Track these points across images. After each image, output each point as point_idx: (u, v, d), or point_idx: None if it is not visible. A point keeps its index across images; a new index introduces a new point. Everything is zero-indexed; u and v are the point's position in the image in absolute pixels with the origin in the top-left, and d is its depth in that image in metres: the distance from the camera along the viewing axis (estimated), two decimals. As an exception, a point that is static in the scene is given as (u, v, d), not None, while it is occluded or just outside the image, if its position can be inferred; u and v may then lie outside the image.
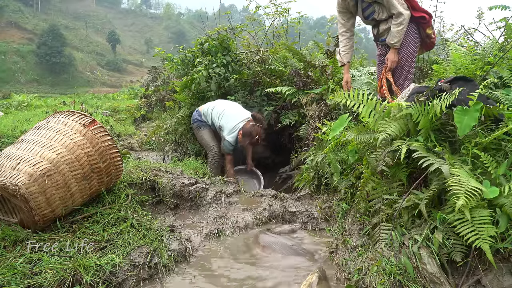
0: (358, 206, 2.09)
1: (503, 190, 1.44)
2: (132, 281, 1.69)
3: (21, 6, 61.64)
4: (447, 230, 1.52)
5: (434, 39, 2.81)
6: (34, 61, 48.50)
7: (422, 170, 1.62)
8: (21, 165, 1.77)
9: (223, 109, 3.56)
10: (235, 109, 3.61)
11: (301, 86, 3.79)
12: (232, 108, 3.61)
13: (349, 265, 1.76)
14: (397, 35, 2.62)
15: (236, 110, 3.59)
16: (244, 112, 3.61)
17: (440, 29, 4.89)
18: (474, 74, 2.43)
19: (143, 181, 2.50)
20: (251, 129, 3.37)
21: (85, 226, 1.95)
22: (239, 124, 3.44)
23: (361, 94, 1.98)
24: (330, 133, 2.24)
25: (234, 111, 3.57)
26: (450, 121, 1.80)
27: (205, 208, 2.60)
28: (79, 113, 2.13)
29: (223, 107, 3.59)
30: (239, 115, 3.52)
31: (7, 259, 1.61)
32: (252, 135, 3.37)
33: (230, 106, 3.63)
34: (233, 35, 4.78)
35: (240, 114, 3.54)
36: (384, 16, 2.69)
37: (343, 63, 3.06)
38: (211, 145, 3.62)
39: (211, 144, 3.63)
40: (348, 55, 3.01)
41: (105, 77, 51.74)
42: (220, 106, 3.62)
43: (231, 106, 3.64)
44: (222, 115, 3.52)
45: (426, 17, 2.65)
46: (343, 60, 3.03)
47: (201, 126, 3.69)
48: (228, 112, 3.53)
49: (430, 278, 1.47)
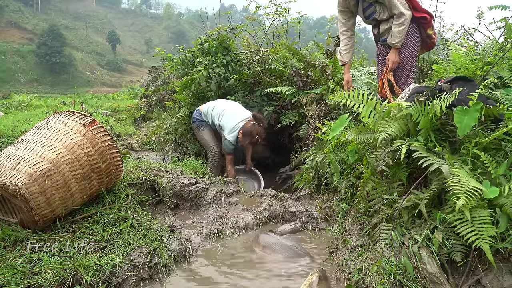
0: (358, 206, 2.09)
1: (503, 190, 1.44)
2: (132, 281, 1.69)
3: (21, 6, 61.64)
4: (447, 230, 1.52)
5: (435, 39, 2.81)
6: (34, 61, 48.49)
7: (422, 170, 1.62)
8: (21, 165, 1.77)
9: (223, 109, 3.56)
10: (235, 108, 3.61)
11: (301, 86, 3.80)
12: (233, 107, 3.62)
13: (349, 265, 1.76)
14: (398, 35, 2.62)
15: (237, 110, 3.59)
16: (244, 111, 3.62)
17: (440, 29, 4.89)
18: (474, 74, 2.43)
19: (143, 181, 2.50)
20: (252, 129, 3.37)
21: (85, 226, 1.95)
22: (240, 124, 3.44)
23: (361, 94, 1.98)
24: (330, 133, 2.24)
25: (234, 110, 3.57)
26: (450, 121, 1.80)
27: (205, 208, 2.60)
28: (79, 113, 2.13)
29: (223, 107, 3.59)
30: (239, 114, 3.52)
31: (7, 259, 1.61)
32: (252, 135, 3.37)
33: (230, 106, 3.63)
34: (233, 35, 4.78)
35: (241, 113, 3.55)
36: (385, 16, 2.69)
37: (343, 63, 3.06)
38: (211, 145, 3.62)
39: (211, 144, 3.63)
40: (349, 54, 3.01)
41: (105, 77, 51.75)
42: (220, 105, 3.62)
43: (231, 106, 3.64)
44: (223, 114, 3.53)
45: (427, 18, 2.64)
46: (343, 59, 3.03)
47: (201, 125, 3.69)
48: (229, 112, 3.53)
49: (430, 278, 1.47)
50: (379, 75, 2.90)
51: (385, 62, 2.79)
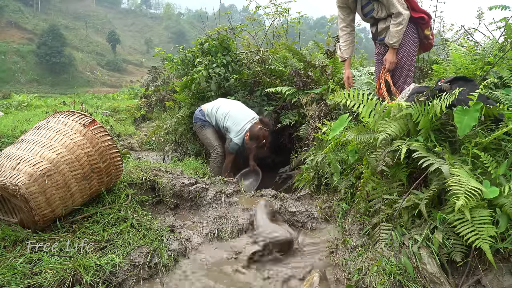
0: (358, 206, 2.09)
1: (503, 190, 1.44)
2: (132, 281, 1.69)
3: (21, 6, 61.63)
4: (447, 230, 1.52)
5: (432, 40, 2.80)
6: (34, 61, 48.48)
7: (422, 170, 1.62)
8: (21, 165, 1.77)
9: (228, 110, 3.57)
10: (240, 109, 3.63)
11: (301, 86, 3.80)
12: (237, 108, 3.63)
13: (349, 265, 1.76)
14: (396, 35, 2.60)
15: (241, 111, 3.61)
16: (249, 112, 3.64)
17: (440, 29, 4.90)
18: (474, 74, 2.43)
19: (143, 181, 2.50)
20: (259, 133, 3.43)
21: (85, 226, 1.95)
22: (246, 126, 3.48)
23: (361, 94, 1.98)
24: (330, 133, 2.24)
25: (239, 112, 3.59)
26: (450, 121, 1.80)
27: (205, 208, 2.60)
28: (79, 113, 2.13)
29: (228, 108, 3.60)
30: (245, 116, 3.55)
31: (7, 259, 1.60)
32: (259, 139, 3.45)
33: (235, 107, 3.64)
34: (233, 35, 4.78)
35: (246, 114, 3.58)
36: (383, 14, 2.68)
37: (343, 59, 3.04)
38: (215, 145, 3.63)
39: (215, 143, 3.64)
40: (349, 50, 2.99)
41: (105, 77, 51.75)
42: (225, 106, 3.63)
43: (235, 107, 3.65)
44: (228, 116, 3.54)
45: (425, 18, 2.63)
46: (343, 55, 3.01)
47: (205, 125, 3.70)
48: (234, 113, 3.55)
49: (430, 278, 1.47)
50: (377, 75, 2.89)
51: (383, 62, 2.79)
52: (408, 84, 2.68)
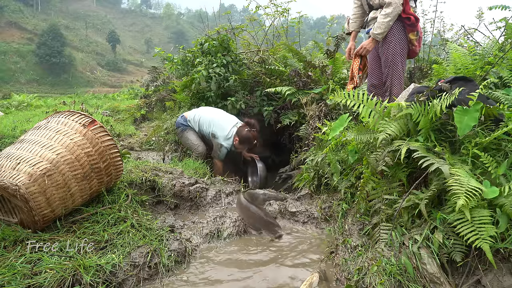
0: (358, 206, 2.09)
1: (503, 190, 1.44)
2: (132, 281, 1.69)
3: (21, 6, 61.67)
4: (447, 230, 1.52)
5: (417, 48, 2.70)
6: (34, 61, 48.49)
7: (422, 170, 1.62)
8: (21, 165, 1.77)
9: (211, 117, 3.61)
10: (223, 115, 3.68)
11: (301, 86, 3.80)
12: (220, 115, 3.67)
13: (349, 265, 1.77)
14: (381, 26, 2.53)
15: (224, 116, 3.66)
16: (232, 117, 3.70)
17: (440, 29, 4.89)
18: (474, 74, 2.43)
19: (143, 181, 2.50)
20: (248, 135, 3.45)
21: (85, 226, 1.95)
22: (233, 129, 3.52)
23: (361, 94, 1.98)
24: (330, 133, 2.24)
25: (222, 117, 3.64)
26: (450, 121, 1.80)
27: (205, 208, 2.60)
28: (79, 113, 2.13)
29: (211, 114, 3.65)
30: (228, 120, 3.60)
31: (7, 259, 1.60)
32: (250, 141, 3.48)
33: (217, 113, 3.69)
34: (233, 35, 4.79)
35: (229, 119, 3.63)
36: (376, 0, 2.65)
37: (349, 31, 3.01)
38: (196, 144, 3.66)
39: (196, 143, 3.66)
40: (355, 24, 2.96)
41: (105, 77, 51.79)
42: (207, 113, 3.67)
43: (218, 113, 3.70)
44: (212, 122, 3.57)
45: (412, 19, 2.55)
46: (349, 28, 2.99)
47: (186, 129, 3.72)
48: (218, 118, 3.59)
49: (430, 278, 1.47)
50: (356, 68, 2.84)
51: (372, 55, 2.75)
52: (398, 86, 2.65)
